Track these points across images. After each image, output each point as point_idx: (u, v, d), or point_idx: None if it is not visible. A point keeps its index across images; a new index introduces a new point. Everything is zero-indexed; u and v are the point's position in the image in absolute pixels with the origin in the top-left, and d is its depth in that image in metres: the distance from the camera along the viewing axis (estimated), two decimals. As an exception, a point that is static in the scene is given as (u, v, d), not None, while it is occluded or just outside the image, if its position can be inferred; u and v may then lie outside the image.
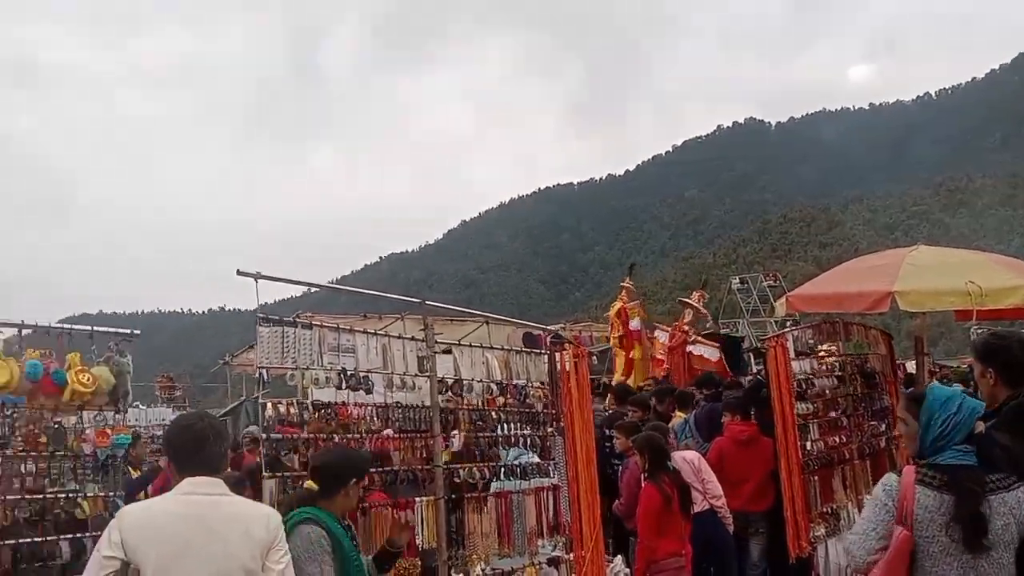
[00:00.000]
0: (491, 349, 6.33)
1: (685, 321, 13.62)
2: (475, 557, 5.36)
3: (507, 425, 5.99)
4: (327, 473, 3.80)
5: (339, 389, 5.32)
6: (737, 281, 37.49)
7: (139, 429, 9.69)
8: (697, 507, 6.42)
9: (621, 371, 13.30)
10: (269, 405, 4.85)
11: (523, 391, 6.27)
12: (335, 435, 5.15)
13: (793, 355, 7.43)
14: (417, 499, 5.22)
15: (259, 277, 4.99)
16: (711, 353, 12.55)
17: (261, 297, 4.86)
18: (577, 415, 6.30)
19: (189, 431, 2.95)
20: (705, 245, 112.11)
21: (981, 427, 3.15)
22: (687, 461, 6.68)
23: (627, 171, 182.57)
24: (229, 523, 2.82)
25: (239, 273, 4.94)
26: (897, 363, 9.87)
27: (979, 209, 78.72)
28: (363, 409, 5.39)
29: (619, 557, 6.63)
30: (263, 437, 4.92)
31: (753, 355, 14.11)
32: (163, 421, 12.95)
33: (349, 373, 5.32)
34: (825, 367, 8.15)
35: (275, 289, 4.94)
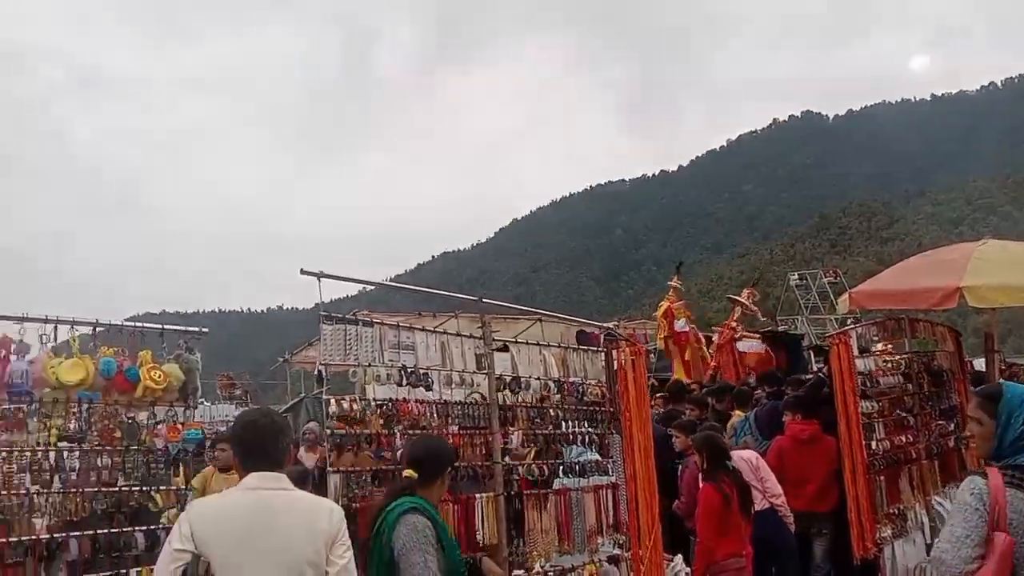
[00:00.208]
0: (548, 347, 6.34)
1: (734, 318, 13.45)
2: (535, 554, 5.37)
3: (566, 423, 5.99)
4: (430, 462, 3.78)
5: (399, 386, 5.39)
6: (795, 277, 36.85)
7: (203, 426, 9.93)
8: (757, 506, 6.33)
9: (680, 372, 13.20)
10: (333, 401, 4.92)
11: (580, 388, 6.26)
12: (396, 431, 5.22)
13: (857, 352, 7.27)
14: (477, 495, 5.26)
15: (322, 276, 5.08)
16: (758, 346, 12.39)
17: (317, 296, 4.95)
18: (635, 413, 6.27)
19: (254, 427, 3.00)
20: (761, 241, 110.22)
21: None
22: (744, 460, 6.58)
23: (680, 167, 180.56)
24: (293, 516, 2.85)
25: (303, 272, 5.03)
26: (965, 360, 9.59)
27: (1049, 203, 75.75)
28: (423, 406, 5.44)
29: (679, 556, 6.56)
30: (327, 433, 5.00)
31: (813, 352, 13.85)
32: (226, 417, 13.28)
33: (409, 370, 5.39)
34: (890, 365, 7.95)
35: (331, 288, 5.01)
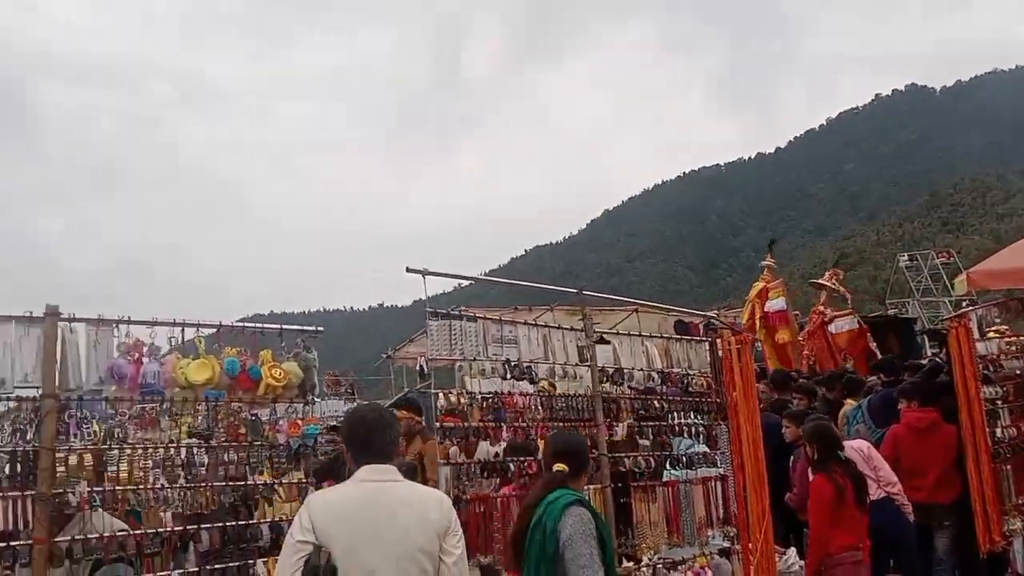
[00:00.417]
0: (650, 338, 6.30)
1: (820, 303, 12.94)
2: (645, 546, 5.36)
3: (673, 414, 5.95)
4: (579, 456, 3.86)
5: (504, 379, 5.48)
6: (905, 259, 35.30)
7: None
8: (872, 495, 6.11)
9: (772, 358, 12.67)
10: (441, 395, 5.04)
11: (685, 379, 6.20)
12: (502, 424, 5.31)
13: (977, 335, 6.93)
14: (585, 487, 5.28)
15: (426, 274, 5.21)
16: (850, 323, 11.89)
17: (415, 293, 5.06)
18: (742, 403, 6.15)
19: (365, 421, 3.11)
20: (866, 222, 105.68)
21: None
22: (855, 450, 6.36)
23: (777, 148, 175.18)
24: (405, 507, 2.94)
25: (408, 270, 5.17)
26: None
27: None
28: (528, 398, 5.51)
29: (792, 549, 6.41)
30: (437, 426, 5.13)
31: (928, 337, 13.26)
32: (336, 413, 13.72)
33: (513, 363, 5.46)
34: (1014, 347, 7.54)
35: (429, 284, 5.13)
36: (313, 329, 4.90)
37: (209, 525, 4.36)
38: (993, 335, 7.73)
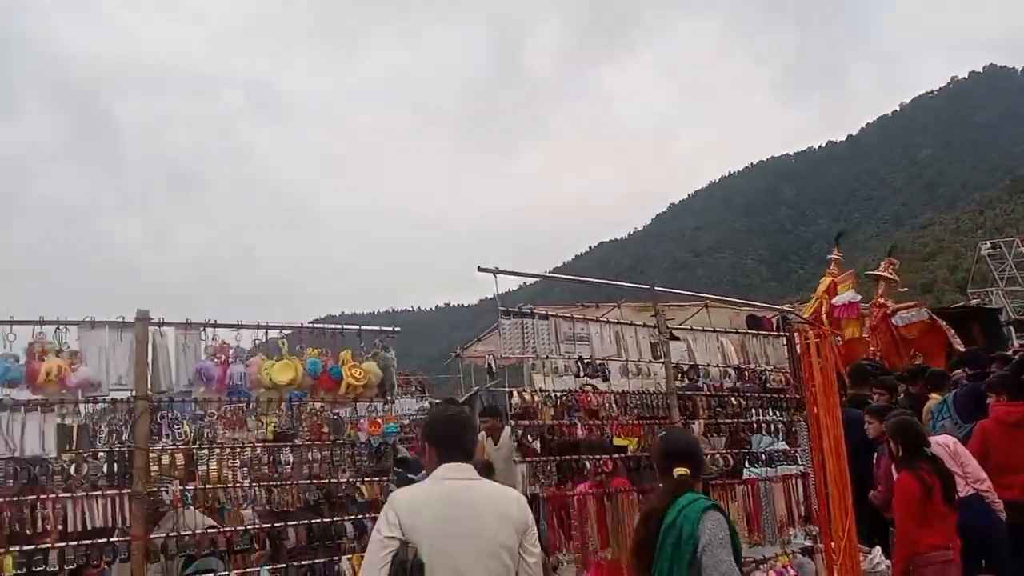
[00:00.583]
0: (726, 333, 6.21)
1: (880, 295, 12.49)
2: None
3: (751, 411, 5.85)
4: (699, 457, 3.81)
5: (577, 377, 5.47)
6: (987, 247, 33.91)
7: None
8: (960, 493, 5.90)
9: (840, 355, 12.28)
10: (515, 393, 5.07)
11: (762, 376, 6.09)
12: (577, 422, 5.30)
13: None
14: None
15: (498, 272, 5.24)
16: (916, 315, 11.45)
17: (480, 292, 5.09)
18: (821, 400, 6.02)
19: (451, 421, 3.23)
20: (945, 210, 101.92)
21: None
22: (941, 445, 6.15)
23: (849, 136, 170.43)
24: (487, 504, 3.02)
25: (480, 269, 5.21)
26: None
27: None
28: (602, 396, 5.49)
29: (877, 548, 6.24)
30: (512, 424, 5.16)
31: (1015, 328, 12.73)
32: (408, 411, 13.93)
33: (586, 361, 5.46)
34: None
35: (492, 284, 5.16)
36: (391, 329, 4.99)
37: (295, 522, 4.49)
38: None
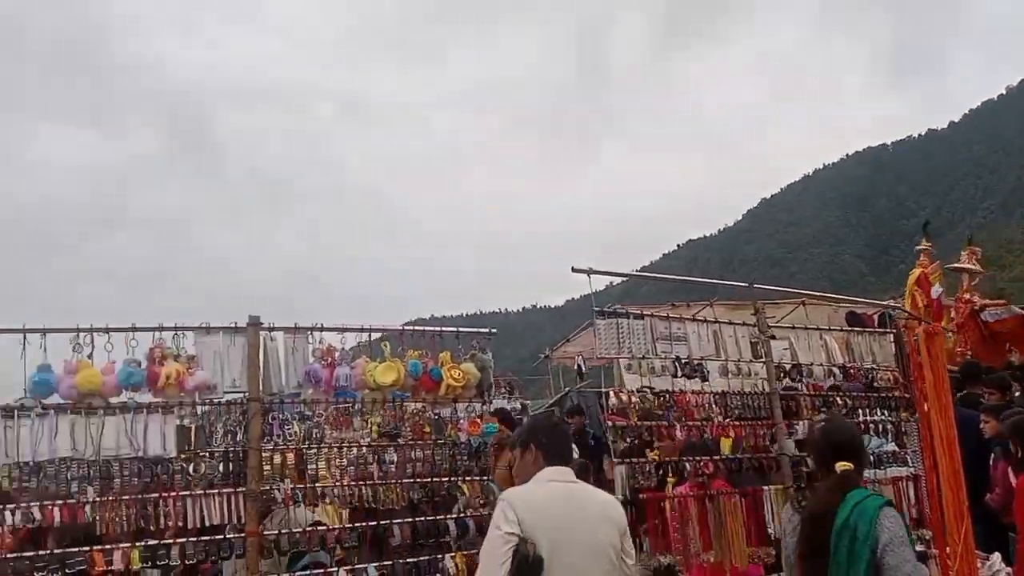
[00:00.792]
0: (829, 331, 6.03)
1: (964, 289, 11.76)
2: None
3: (858, 412, 5.66)
4: (863, 451, 3.59)
5: (675, 377, 5.41)
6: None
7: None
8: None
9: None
10: (612, 393, 5.06)
11: (869, 374, 5.88)
12: (677, 423, 5.24)
13: None
14: (765, 488, 5.14)
15: (592, 273, 5.24)
16: (1008, 311, 10.76)
17: (567, 292, 5.08)
18: (932, 398, 5.76)
19: (556, 428, 3.48)
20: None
21: None
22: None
23: (951, 123, 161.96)
24: (593, 506, 3.18)
25: (574, 270, 5.22)
26: None
27: None
28: (700, 397, 5.41)
29: (996, 555, 5.92)
30: (608, 425, 5.14)
31: None
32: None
33: (683, 361, 5.39)
34: None
35: (580, 284, 5.15)
36: (487, 331, 5.08)
37: (400, 520, 4.60)
38: None
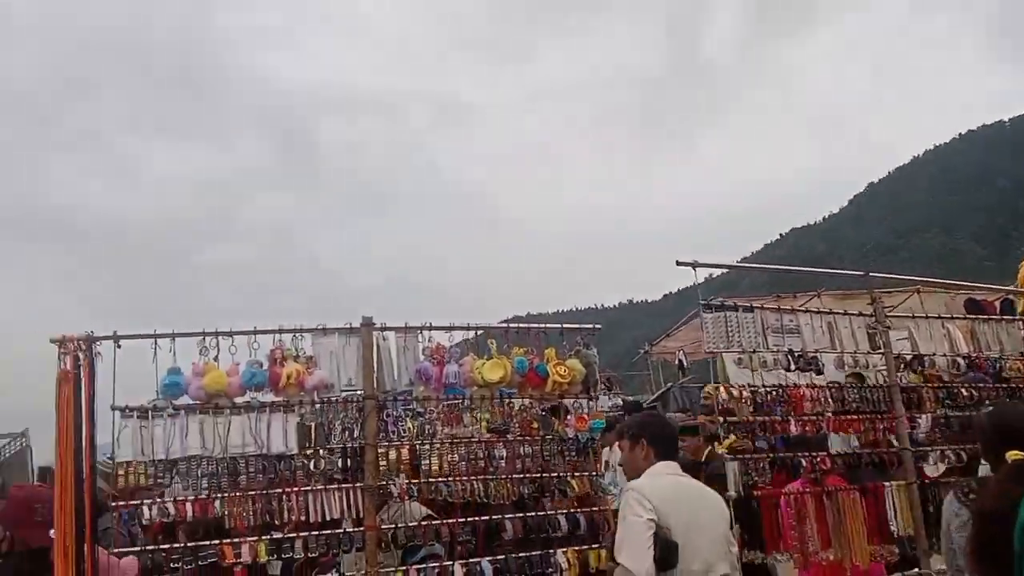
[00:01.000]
0: (952, 319, 5.74)
1: None
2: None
3: (985, 404, 5.36)
4: None
5: (788, 371, 5.27)
6: None
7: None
8: None
9: None
10: (722, 389, 4.96)
11: (996, 364, 5.57)
12: (789, 417, 5.10)
13: None
14: (886, 484, 4.94)
15: (696, 265, 5.15)
16: None
17: (665, 287, 5.00)
18: (1068, 389, 5.42)
19: (669, 426, 3.79)
20: None
21: None
22: None
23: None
24: (707, 500, 3.41)
25: (678, 263, 5.14)
26: None
27: None
28: (815, 390, 5.24)
29: None
30: (720, 420, 5.05)
31: None
32: (601, 408, 13.97)
33: (797, 354, 5.23)
34: None
35: (678, 277, 5.07)
36: (591, 327, 5.07)
37: (512, 515, 4.66)
38: None
